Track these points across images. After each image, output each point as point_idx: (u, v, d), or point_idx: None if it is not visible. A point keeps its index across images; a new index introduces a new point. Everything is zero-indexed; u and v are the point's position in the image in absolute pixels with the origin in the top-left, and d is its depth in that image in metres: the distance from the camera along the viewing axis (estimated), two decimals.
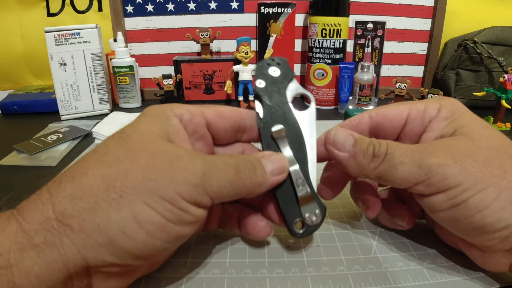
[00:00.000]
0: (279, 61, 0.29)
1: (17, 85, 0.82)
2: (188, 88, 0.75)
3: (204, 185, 0.20)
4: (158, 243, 0.19)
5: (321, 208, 0.26)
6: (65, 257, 0.17)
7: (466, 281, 0.25)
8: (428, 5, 0.77)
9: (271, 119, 0.27)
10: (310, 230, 0.26)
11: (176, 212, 0.19)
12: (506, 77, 0.58)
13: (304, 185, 0.26)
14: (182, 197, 0.19)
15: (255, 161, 0.23)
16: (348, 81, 0.67)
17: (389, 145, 0.23)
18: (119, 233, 0.18)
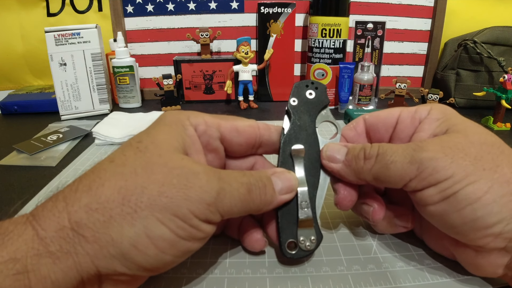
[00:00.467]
0: (318, 85, 0.29)
1: (17, 85, 0.82)
2: (188, 88, 0.75)
3: (217, 204, 0.20)
4: (168, 258, 0.19)
5: (318, 236, 0.26)
6: (79, 265, 0.18)
7: (466, 281, 0.25)
8: (428, 5, 0.77)
9: (294, 137, 0.27)
10: (301, 254, 0.25)
11: (187, 229, 0.19)
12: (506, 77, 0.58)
13: (307, 208, 0.25)
14: (195, 215, 0.19)
15: (265, 179, 0.24)
16: (348, 81, 0.67)
17: (380, 146, 0.24)
18: (131, 248, 0.18)
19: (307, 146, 0.27)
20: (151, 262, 0.19)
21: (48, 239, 0.18)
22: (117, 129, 0.53)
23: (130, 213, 0.18)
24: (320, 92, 0.29)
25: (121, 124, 0.56)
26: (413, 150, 0.22)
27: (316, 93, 0.29)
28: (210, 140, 0.25)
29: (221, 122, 0.25)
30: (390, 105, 0.68)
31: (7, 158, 0.47)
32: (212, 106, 0.74)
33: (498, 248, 0.21)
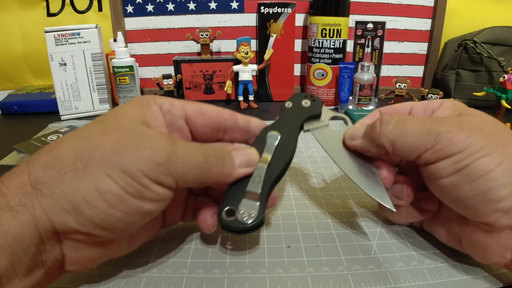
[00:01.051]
0: (315, 99, 0.31)
1: (17, 85, 0.82)
2: (188, 88, 0.75)
3: (168, 165, 0.20)
4: (118, 214, 0.20)
5: (259, 214, 0.24)
6: (36, 219, 0.19)
7: (466, 281, 0.25)
8: (428, 5, 0.77)
9: (275, 127, 0.28)
10: (235, 225, 0.24)
11: (136, 187, 0.20)
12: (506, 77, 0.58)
13: (259, 183, 0.25)
14: (143, 174, 0.20)
15: (225, 152, 0.25)
16: (348, 81, 0.67)
17: (400, 116, 0.25)
18: (81, 201, 0.19)
19: (283, 137, 0.28)
20: (102, 217, 0.19)
21: (9, 195, 0.19)
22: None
23: (82, 169, 0.19)
24: (315, 104, 0.31)
25: None
26: (431, 122, 0.23)
27: (311, 103, 0.31)
28: (174, 118, 0.26)
29: (187, 104, 0.26)
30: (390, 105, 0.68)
31: (7, 158, 0.47)
32: None
33: (508, 226, 0.22)
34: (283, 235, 0.30)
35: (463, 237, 0.25)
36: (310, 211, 0.33)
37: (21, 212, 0.18)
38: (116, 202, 0.19)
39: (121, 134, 0.21)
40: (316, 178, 0.40)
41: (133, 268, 0.26)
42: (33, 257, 0.19)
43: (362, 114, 0.58)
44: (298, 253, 0.28)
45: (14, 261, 0.18)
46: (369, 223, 0.32)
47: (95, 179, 0.19)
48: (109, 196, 0.19)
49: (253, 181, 0.26)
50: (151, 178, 0.20)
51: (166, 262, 0.26)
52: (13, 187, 0.19)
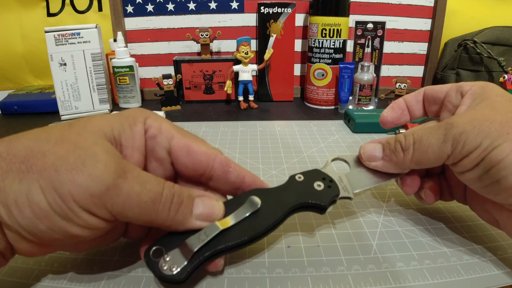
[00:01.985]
0: (332, 186, 0.27)
1: (17, 85, 0.82)
2: (188, 88, 0.75)
3: (104, 199, 0.19)
4: (42, 226, 0.19)
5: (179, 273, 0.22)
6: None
7: (466, 281, 0.25)
8: (428, 5, 0.77)
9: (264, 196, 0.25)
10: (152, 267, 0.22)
11: (64, 209, 0.19)
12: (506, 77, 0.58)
13: (201, 241, 0.22)
14: (73, 200, 0.19)
15: (186, 197, 0.22)
16: (348, 81, 0.67)
17: (415, 134, 0.27)
18: (12, 202, 0.19)
19: (264, 210, 0.25)
20: (27, 224, 0.19)
21: None
22: None
23: (23, 171, 0.19)
24: (329, 191, 0.27)
25: None
26: (444, 129, 0.25)
27: (324, 189, 0.27)
28: (156, 147, 0.24)
29: (176, 135, 0.24)
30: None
31: None
32: (212, 106, 0.74)
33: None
34: (283, 235, 0.30)
35: (498, 218, 0.27)
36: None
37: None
38: (41, 215, 0.19)
39: (72, 149, 0.20)
40: None
41: (133, 268, 0.26)
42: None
43: (362, 114, 0.58)
44: (298, 253, 0.28)
45: None
46: (369, 223, 0.32)
47: (29, 186, 0.19)
48: (36, 208, 0.19)
49: (197, 237, 0.22)
50: (82, 206, 0.19)
51: None
52: None
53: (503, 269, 0.26)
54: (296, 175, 0.27)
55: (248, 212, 0.24)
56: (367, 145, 0.30)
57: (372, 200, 0.35)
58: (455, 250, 0.28)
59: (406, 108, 0.32)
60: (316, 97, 0.73)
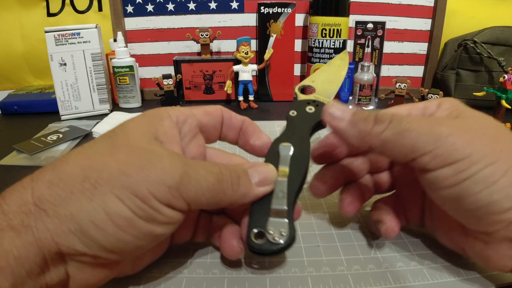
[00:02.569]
0: (319, 103, 0.30)
1: (17, 85, 0.82)
2: (188, 88, 0.75)
3: (180, 188, 0.19)
4: (128, 237, 0.19)
5: (290, 231, 0.23)
6: (40, 240, 0.18)
7: (466, 281, 0.25)
8: (428, 5, 0.77)
9: (285, 138, 0.27)
10: (268, 247, 0.22)
11: (147, 210, 0.19)
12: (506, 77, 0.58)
13: (283, 199, 0.24)
14: (154, 197, 0.19)
15: (240, 171, 0.23)
16: (348, 81, 0.67)
17: (394, 114, 0.23)
18: (89, 223, 0.18)
19: (296, 147, 0.27)
20: (111, 240, 0.18)
21: (11, 213, 0.18)
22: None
23: (89, 189, 0.18)
24: (320, 108, 0.29)
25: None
26: (431, 122, 0.21)
27: (316, 109, 0.30)
28: (191, 127, 0.25)
29: (193, 109, 0.26)
30: (390, 105, 0.68)
31: (7, 158, 0.47)
32: None
33: (509, 239, 0.21)
34: None
35: (465, 247, 0.24)
36: (310, 211, 0.33)
37: (23, 232, 0.17)
38: (126, 225, 0.18)
39: (130, 153, 0.20)
40: None
41: None
42: (36, 278, 0.18)
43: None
44: (298, 253, 0.28)
45: (16, 283, 0.17)
46: (369, 223, 0.32)
47: (103, 200, 0.18)
48: (118, 219, 0.18)
49: (276, 198, 0.24)
50: (162, 201, 0.19)
51: (166, 262, 0.26)
52: (14, 204, 0.18)
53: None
54: (289, 113, 0.30)
55: (289, 154, 0.26)
56: (336, 102, 0.26)
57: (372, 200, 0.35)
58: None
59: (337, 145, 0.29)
60: None
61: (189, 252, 0.28)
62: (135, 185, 0.18)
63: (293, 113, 0.30)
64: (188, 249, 0.28)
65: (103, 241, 0.18)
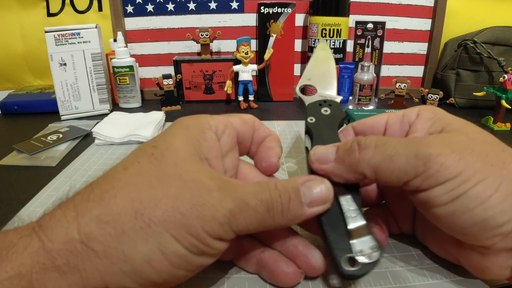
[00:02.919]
0: (331, 103, 0.31)
1: (17, 85, 0.82)
2: (188, 88, 0.75)
3: (231, 224, 0.19)
4: (181, 273, 0.19)
5: (378, 244, 0.22)
6: (87, 281, 0.17)
7: (466, 281, 0.25)
8: (428, 5, 0.77)
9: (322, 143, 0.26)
10: (366, 270, 0.21)
11: (201, 247, 0.19)
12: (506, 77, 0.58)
13: (357, 215, 0.23)
14: (208, 234, 0.19)
15: (292, 190, 0.21)
16: (348, 81, 0.67)
17: (378, 138, 0.22)
18: (144, 264, 0.18)
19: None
20: (164, 278, 0.18)
21: (54, 251, 0.17)
22: (117, 129, 0.53)
23: (143, 228, 0.18)
24: (334, 107, 0.30)
25: (121, 124, 0.56)
26: (417, 144, 0.21)
27: (331, 109, 0.30)
28: (229, 138, 0.24)
29: (231, 118, 0.25)
30: (390, 105, 0.68)
31: (7, 158, 0.47)
32: (212, 106, 0.74)
33: (506, 249, 0.21)
34: None
35: (460, 258, 0.24)
36: None
37: (70, 273, 0.17)
38: (181, 263, 0.19)
39: (181, 186, 0.19)
40: None
41: None
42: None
43: (362, 114, 0.58)
44: None
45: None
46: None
47: (159, 240, 0.18)
48: (174, 258, 0.18)
49: (349, 217, 0.23)
50: (214, 236, 0.19)
51: None
52: (58, 241, 0.17)
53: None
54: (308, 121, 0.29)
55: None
56: (318, 147, 0.25)
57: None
58: None
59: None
60: None
61: None
62: (190, 224, 0.18)
63: (311, 119, 0.29)
64: None
65: (157, 279, 0.18)
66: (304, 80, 0.35)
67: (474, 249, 0.22)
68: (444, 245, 0.25)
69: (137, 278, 0.18)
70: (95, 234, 0.17)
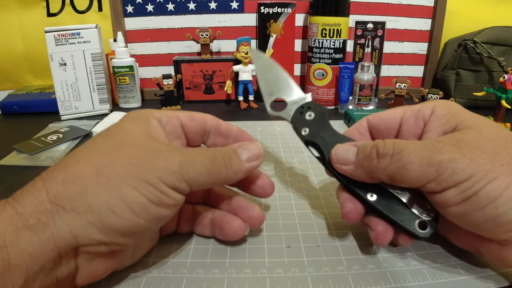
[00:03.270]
0: (309, 105, 0.31)
1: (17, 85, 0.82)
2: (188, 88, 0.75)
3: (182, 172, 0.22)
4: (141, 221, 0.21)
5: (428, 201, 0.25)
6: (57, 236, 0.19)
7: (466, 281, 0.25)
8: (428, 5, 0.77)
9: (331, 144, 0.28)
10: (434, 225, 0.25)
11: (157, 195, 0.21)
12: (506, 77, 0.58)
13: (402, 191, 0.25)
14: (162, 182, 0.21)
15: (231, 151, 0.26)
16: (348, 81, 0.67)
17: (396, 144, 0.23)
18: (108, 212, 0.20)
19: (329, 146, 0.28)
20: (126, 225, 0.20)
21: (27, 214, 0.19)
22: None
23: (104, 182, 0.20)
24: (314, 107, 0.31)
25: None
26: (430, 151, 0.22)
27: (312, 111, 0.31)
28: (174, 128, 0.27)
29: (179, 113, 0.28)
30: (390, 105, 0.68)
31: (7, 158, 0.47)
32: (212, 106, 0.74)
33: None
34: (283, 235, 0.30)
35: (481, 250, 0.24)
36: (310, 211, 0.33)
37: (40, 230, 0.18)
38: (140, 210, 0.20)
39: (135, 149, 0.22)
40: (316, 178, 0.40)
41: (133, 268, 0.26)
42: (48, 273, 0.19)
43: (362, 114, 0.58)
44: (298, 253, 0.28)
45: (29, 279, 0.18)
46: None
47: (119, 190, 0.20)
48: (134, 205, 0.20)
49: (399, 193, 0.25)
50: (169, 185, 0.21)
51: (166, 262, 0.26)
52: (30, 205, 0.19)
53: (502, 269, 0.26)
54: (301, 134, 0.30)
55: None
56: (340, 146, 0.27)
57: None
58: (455, 250, 0.28)
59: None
60: (316, 97, 0.73)
61: (189, 252, 0.28)
62: (146, 174, 0.21)
63: (305, 131, 0.30)
64: (189, 249, 0.28)
65: (120, 227, 0.20)
66: (268, 98, 0.34)
67: (493, 240, 0.23)
68: (464, 238, 0.26)
69: (103, 227, 0.20)
70: (63, 194, 0.19)
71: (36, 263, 0.18)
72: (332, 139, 0.29)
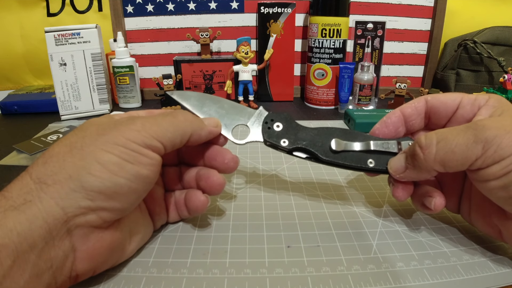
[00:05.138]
0: (272, 117, 0.32)
1: (17, 85, 0.82)
2: (188, 88, 0.75)
3: (147, 129, 0.24)
4: (121, 180, 0.22)
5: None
6: (44, 211, 0.19)
7: (466, 281, 0.25)
8: (428, 5, 0.77)
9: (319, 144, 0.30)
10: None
11: (130, 154, 0.23)
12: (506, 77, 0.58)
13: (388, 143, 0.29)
14: (132, 141, 0.23)
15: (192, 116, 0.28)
16: (348, 81, 0.67)
17: (438, 133, 0.25)
18: (87, 175, 0.21)
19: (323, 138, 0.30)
20: (108, 185, 0.21)
21: (14, 197, 0.20)
22: None
23: (78, 152, 0.22)
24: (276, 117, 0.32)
25: None
26: (474, 129, 0.23)
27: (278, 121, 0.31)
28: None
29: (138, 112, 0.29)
30: (390, 105, 0.68)
31: (7, 158, 0.47)
32: None
33: None
34: (283, 235, 0.30)
35: (503, 230, 0.26)
36: (310, 211, 0.33)
37: (27, 208, 0.19)
38: (117, 170, 0.22)
39: (100, 125, 0.24)
40: (316, 178, 0.40)
41: (133, 268, 0.26)
42: (40, 253, 0.19)
43: (362, 114, 0.58)
44: (298, 253, 0.28)
45: (19, 259, 0.18)
46: (369, 223, 0.32)
47: (94, 156, 0.22)
48: (110, 165, 0.21)
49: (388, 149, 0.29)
50: (139, 143, 0.23)
51: (166, 262, 0.26)
52: (15, 190, 0.20)
53: (503, 269, 0.26)
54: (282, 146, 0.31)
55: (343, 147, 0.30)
56: (392, 159, 0.29)
57: (372, 200, 0.35)
58: (455, 250, 0.28)
59: (402, 124, 0.31)
60: (316, 97, 0.73)
61: (189, 252, 0.28)
62: (114, 138, 0.23)
63: (284, 142, 0.30)
64: (188, 249, 0.28)
65: (102, 187, 0.21)
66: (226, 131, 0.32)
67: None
68: (488, 218, 0.27)
69: (86, 192, 0.21)
70: (43, 172, 0.21)
71: (25, 242, 0.18)
72: (312, 134, 0.30)
